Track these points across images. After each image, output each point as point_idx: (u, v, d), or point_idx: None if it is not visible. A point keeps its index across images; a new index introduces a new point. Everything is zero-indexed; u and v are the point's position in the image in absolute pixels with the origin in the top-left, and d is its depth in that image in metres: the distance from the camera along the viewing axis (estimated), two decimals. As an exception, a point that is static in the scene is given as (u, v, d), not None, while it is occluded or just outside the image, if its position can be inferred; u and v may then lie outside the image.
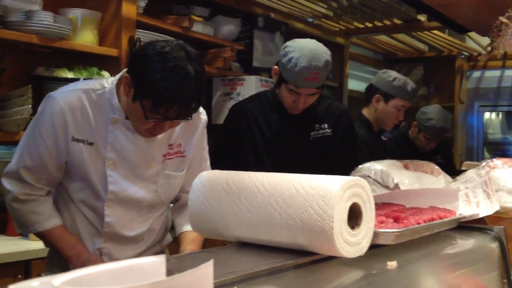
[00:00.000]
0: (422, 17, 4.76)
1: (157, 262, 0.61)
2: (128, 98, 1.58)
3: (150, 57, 1.50)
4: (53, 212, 1.70)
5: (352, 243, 1.12)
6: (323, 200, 1.08)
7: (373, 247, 1.21)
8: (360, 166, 1.92)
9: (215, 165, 1.90)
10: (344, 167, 1.96)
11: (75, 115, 1.63)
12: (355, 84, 5.97)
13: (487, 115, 6.87)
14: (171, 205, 1.91)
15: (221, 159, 2.24)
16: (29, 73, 2.72)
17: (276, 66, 2.30)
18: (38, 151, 1.64)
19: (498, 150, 6.78)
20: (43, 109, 1.65)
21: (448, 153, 4.30)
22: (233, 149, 2.40)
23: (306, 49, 2.17)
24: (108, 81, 1.69)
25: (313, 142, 2.38)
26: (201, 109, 1.82)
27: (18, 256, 2.31)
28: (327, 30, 4.97)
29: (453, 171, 2.64)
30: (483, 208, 1.57)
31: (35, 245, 2.36)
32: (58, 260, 1.76)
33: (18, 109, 2.44)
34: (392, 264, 1.16)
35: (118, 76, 1.66)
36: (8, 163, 1.73)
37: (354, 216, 1.14)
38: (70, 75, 2.68)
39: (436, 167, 2.00)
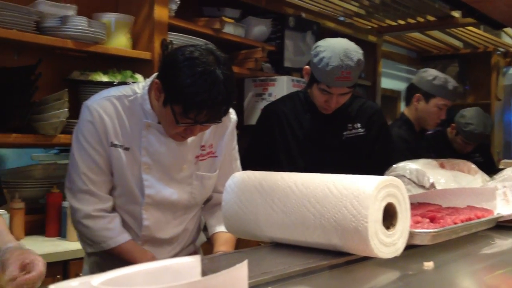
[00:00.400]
0: (456, 14, 4.67)
1: (192, 263, 0.61)
2: (159, 103, 1.60)
3: (179, 62, 1.51)
4: (122, 228, 1.70)
5: (387, 243, 1.10)
6: (357, 200, 1.08)
7: (409, 247, 1.19)
8: (394, 166, 1.90)
9: (247, 166, 1.91)
10: (378, 167, 1.93)
11: (112, 121, 1.65)
12: (389, 83, 5.90)
13: (525, 112, 6.71)
14: (202, 205, 1.92)
15: (254, 159, 2.24)
16: (65, 77, 2.77)
17: (307, 66, 2.29)
18: (93, 159, 1.66)
19: (537, 147, 6.61)
20: (83, 118, 1.67)
21: (487, 151, 4.21)
22: (265, 149, 2.40)
23: (337, 48, 2.16)
24: (139, 86, 1.71)
25: (346, 142, 2.36)
26: (231, 109, 1.82)
27: (56, 257, 2.36)
28: (359, 28, 4.93)
29: (493, 170, 2.58)
30: (522, 207, 1.54)
31: (73, 246, 2.40)
32: (96, 260, 1.79)
33: (55, 113, 2.49)
34: (428, 265, 1.14)
35: (148, 81, 1.68)
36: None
37: (389, 216, 1.13)
38: (104, 78, 2.72)
39: (473, 165, 1.96)
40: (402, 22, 4.94)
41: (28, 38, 2.47)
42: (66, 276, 2.39)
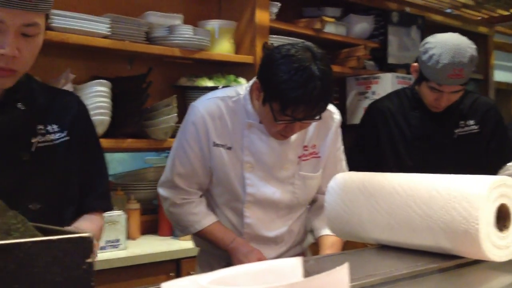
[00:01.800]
0: None
1: (294, 264, 0.62)
2: (259, 102, 1.63)
3: (276, 60, 1.55)
4: (208, 211, 1.79)
5: (501, 246, 1.05)
6: (467, 202, 1.03)
7: (526, 251, 1.12)
8: (509, 164, 1.79)
9: (351, 166, 1.88)
10: (492, 167, 1.83)
11: (215, 122, 1.71)
12: (503, 75, 5.56)
13: None
14: (308, 206, 1.93)
15: (358, 160, 2.20)
16: (173, 84, 2.91)
17: (415, 63, 2.21)
18: (187, 157, 1.74)
19: None
20: (187, 118, 1.77)
21: None
22: (370, 149, 2.36)
23: (448, 44, 2.06)
24: (242, 87, 1.76)
25: (458, 141, 2.26)
26: (334, 109, 1.81)
27: (169, 255, 2.48)
28: (468, 20, 4.69)
29: None
30: None
31: (185, 245, 2.51)
32: (207, 259, 1.86)
33: (164, 118, 2.62)
34: (548, 270, 1.07)
35: (251, 82, 1.72)
36: (157, 168, 1.86)
37: (502, 218, 1.07)
38: (209, 83, 2.82)
39: None
40: (515, 10, 4.64)
41: (139, 48, 2.61)
42: (178, 274, 2.50)
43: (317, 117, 1.59)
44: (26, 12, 1.18)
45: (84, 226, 1.34)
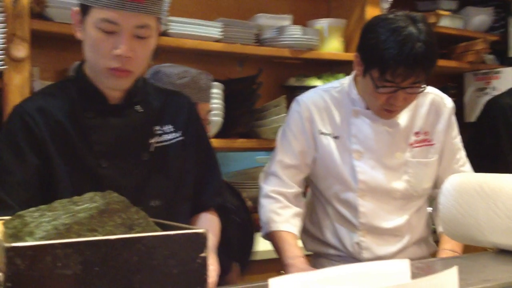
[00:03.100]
0: None
1: (402, 265, 0.61)
2: (360, 78, 1.62)
3: (374, 25, 1.57)
4: (292, 220, 1.74)
5: None
6: None
7: None
8: None
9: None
10: None
11: (319, 112, 1.73)
12: None
13: None
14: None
15: (475, 160, 2.10)
16: (282, 84, 2.95)
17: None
18: (290, 145, 1.76)
19: None
20: (292, 108, 1.80)
21: None
22: (489, 148, 2.24)
23: None
24: (345, 78, 1.77)
25: None
26: (445, 96, 1.75)
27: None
28: None
29: None
30: None
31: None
32: (321, 263, 1.82)
33: (274, 118, 2.66)
34: None
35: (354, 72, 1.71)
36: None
37: None
38: (318, 83, 2.82)
39: None
40: None
41: (250, 50, 2.68)
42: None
43: (420, 85, 1.55)
44: (139, 14, 1.25)
45: (206, 226, 1.38)
